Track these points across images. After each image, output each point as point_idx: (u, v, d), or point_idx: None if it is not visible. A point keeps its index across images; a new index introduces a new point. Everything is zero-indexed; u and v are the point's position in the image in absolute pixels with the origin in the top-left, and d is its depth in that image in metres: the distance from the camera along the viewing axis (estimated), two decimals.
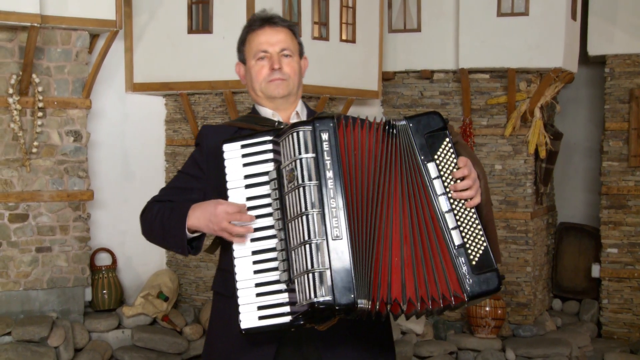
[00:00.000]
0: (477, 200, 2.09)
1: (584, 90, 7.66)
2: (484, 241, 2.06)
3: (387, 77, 6.88)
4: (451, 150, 2.10)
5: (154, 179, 6.49)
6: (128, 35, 6.17)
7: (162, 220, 2.30)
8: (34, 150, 5.42)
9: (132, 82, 6.23)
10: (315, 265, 1.97)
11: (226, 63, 5.90)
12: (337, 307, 1.96)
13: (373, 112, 6.93)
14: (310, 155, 2.03)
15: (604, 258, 6.96)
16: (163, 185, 6.71)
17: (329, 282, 1.96)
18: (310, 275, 1.97)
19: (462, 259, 2.03)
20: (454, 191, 2.07)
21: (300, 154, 2.03)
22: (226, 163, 2.15)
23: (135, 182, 6.37)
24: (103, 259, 6.08)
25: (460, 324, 6.54)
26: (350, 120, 2.11)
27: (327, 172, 2.02)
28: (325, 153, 2.03)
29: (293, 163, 2.04)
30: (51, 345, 5.24)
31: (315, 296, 1.96)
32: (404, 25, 6.78)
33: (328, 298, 1.95)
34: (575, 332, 6.65)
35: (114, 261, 6.10)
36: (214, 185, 2.27)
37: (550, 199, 7.40)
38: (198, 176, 2.36)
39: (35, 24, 5.10)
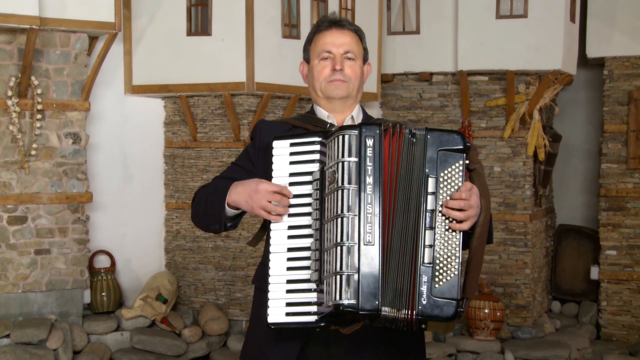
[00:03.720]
0: (464, 226, 2.08)
1: (582, 92, 7.67)
2: (456, 269, 2.05)
3: (386, 80, 6.88)
4: (460, 173, 2.09)
5: (152, 181, 6.49)
6: (127, 37, 6.17)
7: (206, 198, 2.35)
8: (33, 152, 5.42)
9: (131, 85, 6.23)
10: (345, 268, 2.00)
11: (225, 65, 5.91)
12: (360, 312, 1.99)
13: (372, 114, 6.92)
14: (353, 159, 2.05)
15: (603, 260, 6.96)
16: (162, 187, 6.78)
17: (356, 286, 1.99)
18: (339, 277, 2.00)
19: (426, 277, 2.03)
20: (445, 206, 2.07)
21: (343, 156, 2.06)
22: (274, 159, 2.19)
23: (134, 185, 6.37)
24: (102, 261, 6.08)
25: (459, 326, 6.53)
26: (397, 129, 2.11)
27: (367, 177, 2.05)
28: (368, 159, 2.05)
29: (335, 165, 2.07)
30: (50, 347, 5.23)
31: (341, 298, 1.99)
32: (403, 27, 6.79)
33: (353, 302, 1.99)
34: (574, 334, 6.65)
35: (113, 263, 6.10)
36: (262, 178, 2.30)
37: (549, 201, 7.41)
38: (249, 169, 2.40)
39: (34, 26, 5.10)
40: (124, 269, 6.28)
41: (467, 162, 2.11)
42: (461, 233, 2.08)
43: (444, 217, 2.07)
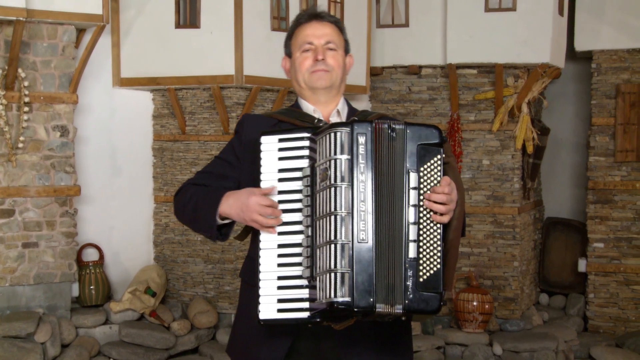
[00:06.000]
0: (445, 219, 2.10)
1: (571, 85, 7.70)
2: (438, 262, 2.07)
3: (375, 73, 6.88)
4: (439, 167, 2.11)
5: (141, 174, 6.47)
6: (115, 30, 6.13)
7: (195, 203, 2.33)
8: (20, 145, 5.39)
9: (120, 77, 6.20)
10: (338, 266, 2.01)
11: (214, 58, 5.89)
12: (355, 309, 2.00)
13: (361, 107, 6.91)
14: (346, 156, 2.05)
15: (590, 253, 7.00)
16: (150, 180, 6.76)
17: (350, 284, 2.00)
18: (332, 274, 2.01)
19: (411, 272, 2.05)
20: (427, 200, 2.08)
21: (335, 154, 2.05)
22: (262, 155, 2.17)
23: (122, 178, 6.35)
24: (90, 255, 6.06)
25: (447, 318, 6.56)
26: (385, 125, 2.10)
27: (360, 175, 2.05)
28: (360, 156, 2.06)
29: (328, 162, 2.06)
30: (38, 341, 5.22)
31: (335, 296, 2.00)
32: (392, 20, 6.78)
33: (347, 299, 2.00)
34: (562, 327, 6.70)
35: (101, 257, 6.08)
36: (248, 175, 2.29)
37: (537, 194, 7.44)
38: (234, 164, 2.38)
39: (21, 18, 5.06)
40: (113, 262, 6.26)
41: (443, 155, 2.13)
42: (442, 226, 2.10)
43: (426, 211, 2.09)
